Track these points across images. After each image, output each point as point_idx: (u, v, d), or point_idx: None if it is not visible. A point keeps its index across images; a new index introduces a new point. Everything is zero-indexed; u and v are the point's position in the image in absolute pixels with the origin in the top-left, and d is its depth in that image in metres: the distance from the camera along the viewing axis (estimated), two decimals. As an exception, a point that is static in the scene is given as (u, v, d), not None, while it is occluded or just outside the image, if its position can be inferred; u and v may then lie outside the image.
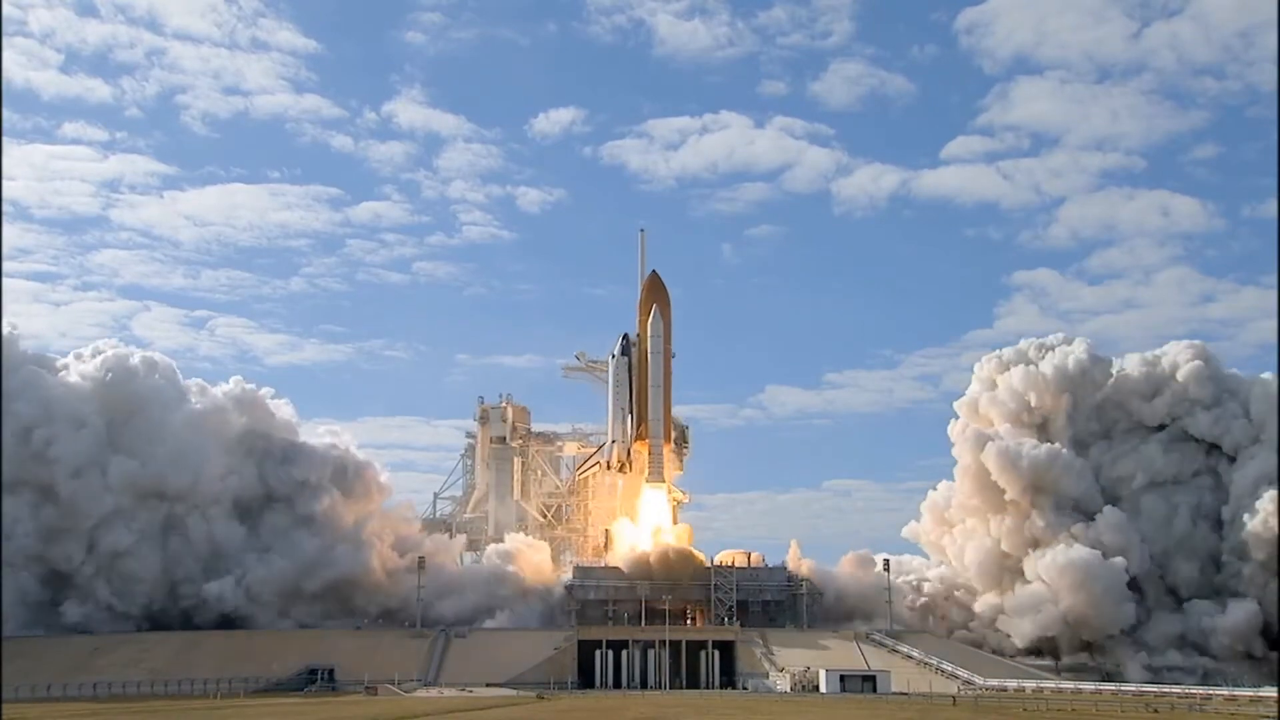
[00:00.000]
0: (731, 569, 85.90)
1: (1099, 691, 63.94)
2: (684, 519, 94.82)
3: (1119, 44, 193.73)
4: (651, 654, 75.31)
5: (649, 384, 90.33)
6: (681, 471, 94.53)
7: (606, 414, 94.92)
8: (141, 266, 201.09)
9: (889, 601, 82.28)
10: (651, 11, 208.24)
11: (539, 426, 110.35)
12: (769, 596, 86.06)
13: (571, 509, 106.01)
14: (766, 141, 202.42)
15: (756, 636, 78.32)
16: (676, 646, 75.97)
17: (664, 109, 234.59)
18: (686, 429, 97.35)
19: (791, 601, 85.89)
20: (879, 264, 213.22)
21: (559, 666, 72.77)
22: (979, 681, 68.78)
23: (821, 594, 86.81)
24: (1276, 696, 55.64)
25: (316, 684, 68.42)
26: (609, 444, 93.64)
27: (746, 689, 71.62)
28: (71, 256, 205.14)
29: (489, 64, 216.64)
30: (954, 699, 60.73)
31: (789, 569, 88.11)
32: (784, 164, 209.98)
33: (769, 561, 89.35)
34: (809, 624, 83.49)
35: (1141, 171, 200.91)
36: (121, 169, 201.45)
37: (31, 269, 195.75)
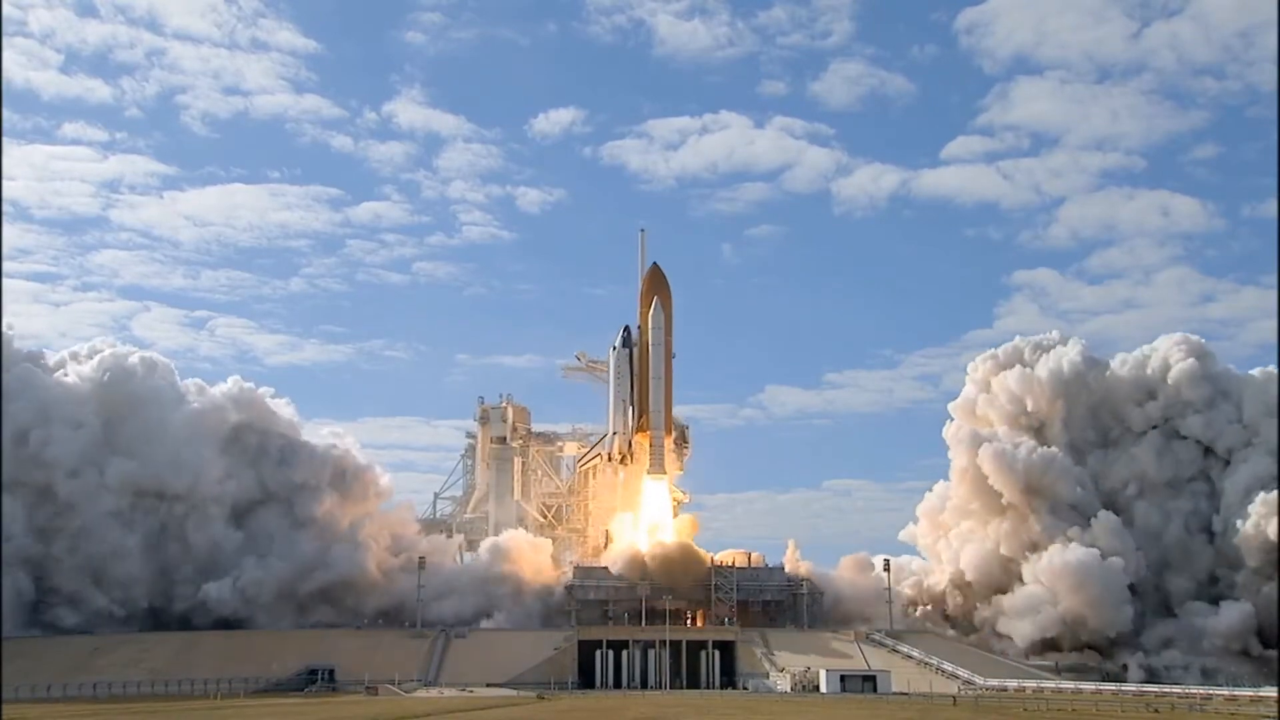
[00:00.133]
0: (732, 569, 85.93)
1: (1099, 691, 63.93)
2: (684, 519, 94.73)
3: (1119, 44, 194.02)
4: (652, 654, 75.31)
5: (650, 376, 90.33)
6: (682, 471, 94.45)
7: (607, 411, 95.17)
8: (141, 267, 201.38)
9: (889, 602, 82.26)
10: (651, 11, 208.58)
11: (539, 427, 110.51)
12: (769, 596, 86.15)
13: (571, 509, 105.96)
14: (766, 141, 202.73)
15: (756, 636, 78.38)
16: (677, 646, 76.00)
17: (664, 109, 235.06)
18: (686, 429, 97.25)
19: (792, 601, 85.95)
20: (879, 264, 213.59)
21: (559, 667, 72.78)
22: (979, 682, 68.79)
23: (822, 594, 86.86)
24: (1277, 696, 55.68)
25: (316, 684, 68.43)
26: (610, 436, 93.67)
27: (747, 689, 71.63)
28: (71, 257, 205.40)
29: (489, 64, 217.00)
30: (954, 699, 60.74)
31: (786, 570, 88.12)
32: (784, 164, 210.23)
33: (769, 562, 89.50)
34: (809, 624, 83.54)
35: (1141, 171, 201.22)
36: (121, 169, 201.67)
37: (31, 269, 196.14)
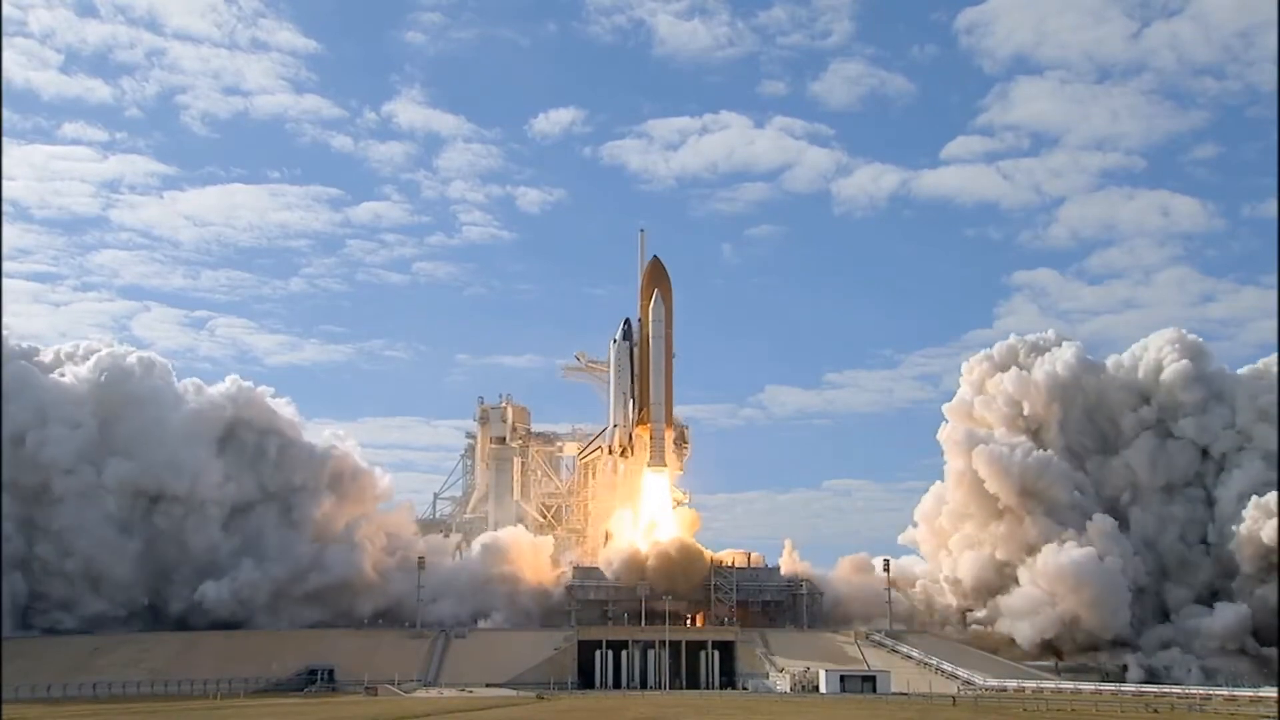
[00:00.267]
0: (732, 569, 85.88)
1: (1099, 692, 63.91)
2: (685, 513, 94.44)
3: (1119, 44, 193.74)
4: (651, 654, 75.30)
5: (650, 369, 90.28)
6: (682, 471, 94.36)
7: (608, 405, 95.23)
8: (141, 267, 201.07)
9: (889, 602, 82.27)
10: (651, 11, 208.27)
11: (539, 427, 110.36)
12: (769, 597, 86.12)
13: (571, 509, 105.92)
14: (766, 141, 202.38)
15: (756, 637, 78.38)
16: (676, 647, 75.98)
17: (664, 109, 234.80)
18: (686, 429, 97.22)
19: (791, 602, 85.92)
20: (879, 264, 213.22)
21: (559, 667, 72.79)
22: (979, 682, 68.79)
23: (821, 594, 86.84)
24: (1276, 696, 55.70)
25: (316, 684, 68.46)
26: (610, 428, 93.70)
27: (746, 689, 71.65)
28: (71, 257, 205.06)
29: (489, 64, 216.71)
30: (954, 699, 60.76)
31: (782, 570, 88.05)
32: (784, 164, 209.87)
33: (769, 562, 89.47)
34: (809, 624, 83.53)
35: (1141, 171, 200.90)
36: (121, 169, 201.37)
37: (31, 269, 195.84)
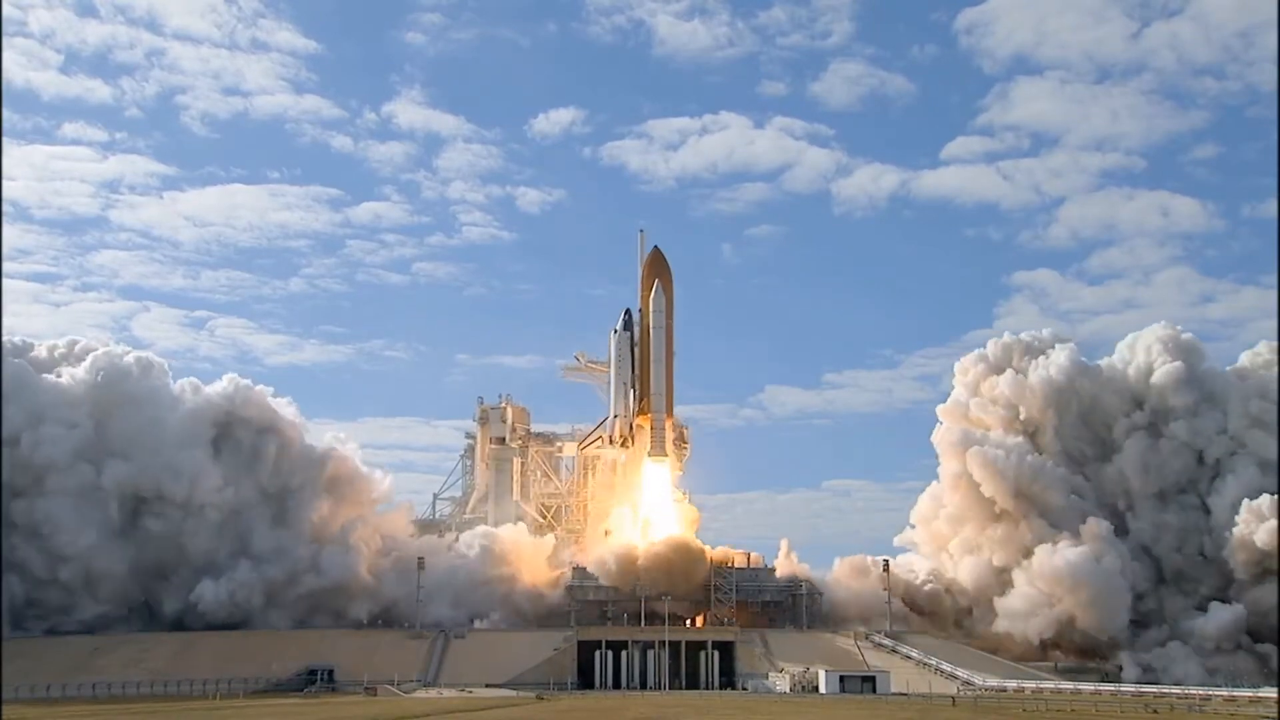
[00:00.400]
0: (731, 569, 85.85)
1: (1098, 692, 63.94)
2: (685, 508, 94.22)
3: (1119, 44, 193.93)
4: (651, 654, 75.33)
5: (651, 359, 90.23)
6: (682, 471, 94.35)
7: (608, 403, 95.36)
8: (141, 267, 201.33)
9: (888, 602, 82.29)
10: (651, 12, 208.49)
11: (538, 427, 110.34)
12: (768, 597, 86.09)
13: (570, 509, 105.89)
14: (766, 142, 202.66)
15: (756, 637, 78.41)
16: (676, 647, 76.00)
17: (664, 109, 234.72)
18: (686, 429, 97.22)
19: (791, 602, 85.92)
20: (879, 264, 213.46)
21: (558, 667, 72.84)
22: (978, 682, 68.79)
23: (821, 594, 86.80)
24: (1276, 697, 55.71)
25: (316, 684, 68.52)
26: (611, 419, 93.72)
27: (746, 689, 71.68)
28: (71, 257, 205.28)
29: (489, 64, 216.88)
30: (953, 699, 60.79)
31: (779, 570, 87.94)
32: (784, 164, 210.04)
33: (768, 562, 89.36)
34: (808, 625, 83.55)
35: (1141, 172, 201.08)
36: (121, 169, 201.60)
37: (31, 270, 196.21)
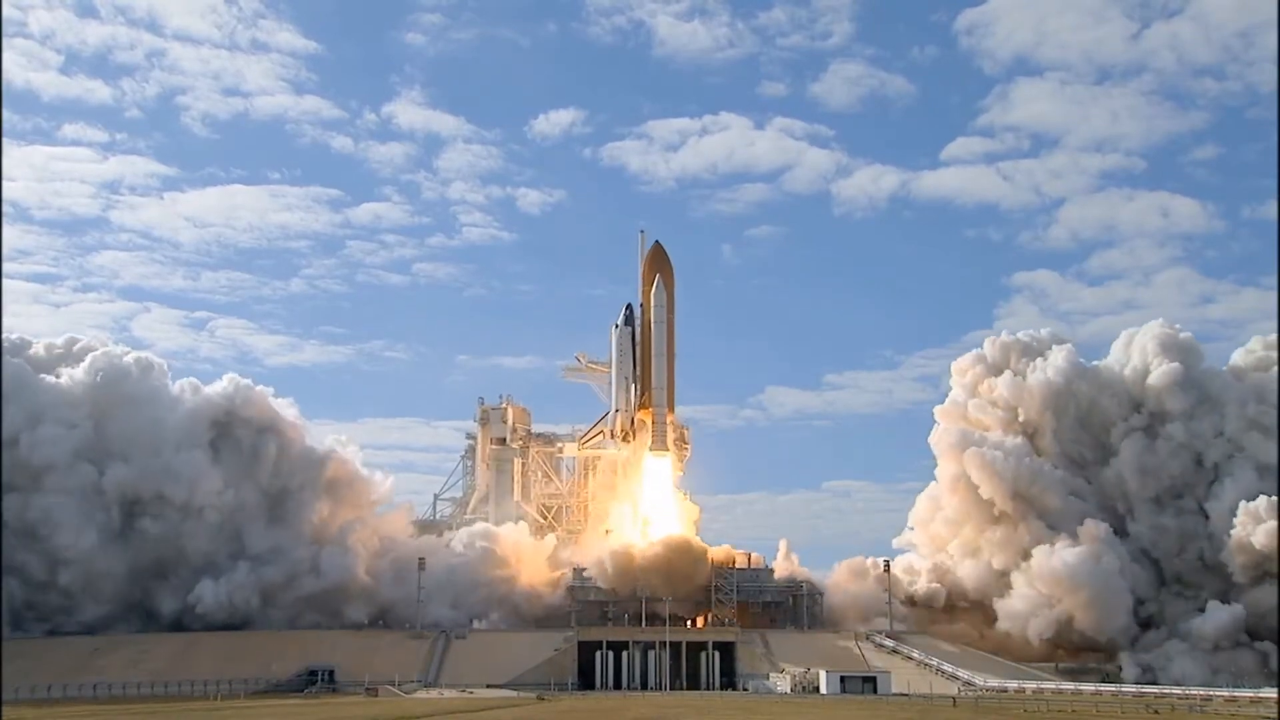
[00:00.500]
0: (732, 570, 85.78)
1: (1099, 693, 63.96)
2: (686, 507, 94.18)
3: (1119, 45, 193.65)
4: (652, 655, 75.27)
5: (652, 353, 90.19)
6: (682, 472, 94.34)
7: (609, 397, 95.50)
8: (141, 268, 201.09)
9: (889, 603, 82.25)
10: (651, 13, 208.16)
11: (539, 428, 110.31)
12: (769, 598, 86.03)
13: (571, 510, 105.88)
14: (766, 142, 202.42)
15: (756, 638, 78.37)
16: (677, 647, 75.95)
17: (664, 110, 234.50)
18: (686, 429, 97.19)
19: (791, 603, 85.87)
20: (879, 265, 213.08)
21: (559, 667, 72.80)
22: (979, 683, 68.74)
23: (821, 594, 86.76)
24: (1276, 698, 55.70)
25: (317, 685, 68.52)
26: (612, 413, 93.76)
27: (747, 690, 71.66)
28: (71, 258, 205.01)
29: (489, 65, 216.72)
30: (954, 700, 60.75)
31: (777, 571, 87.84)
32: (784, 165, 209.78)
33: (769, 563, 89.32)
34: (809, 625, 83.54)
35: (1141, 172, 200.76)
36: (121, 170, 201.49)
37: (32, 270, 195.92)
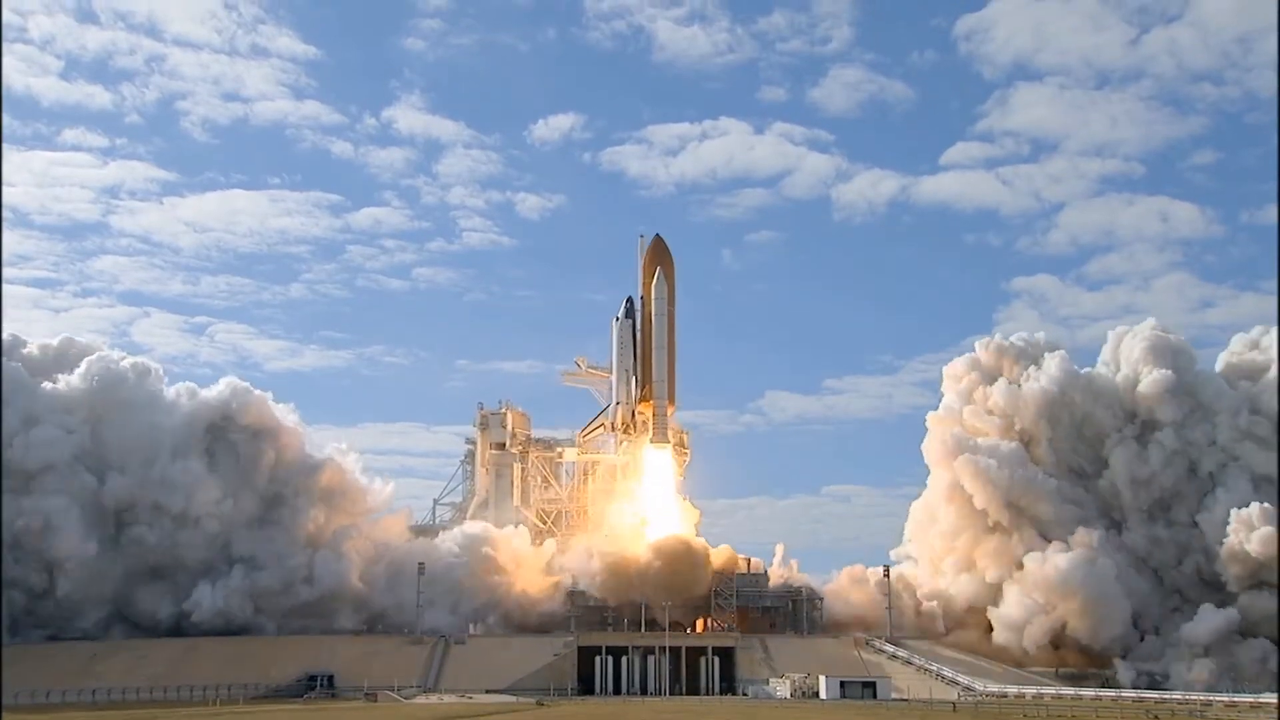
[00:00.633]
0: (732, 575, 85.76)
1: (1099, 698, 63.95)
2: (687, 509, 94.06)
3: (1118, 50, 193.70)
4: (651, 660, 75.27)
5: (653, 345, 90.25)
6: (682, 477, 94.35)
7: (610, 391, 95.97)
8: (141, 273, 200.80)
9: (889, 608, 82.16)
10: (651, 18, 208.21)
11: (539, 433, 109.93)
12: (769, 603, 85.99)
13: (571, 515, 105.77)
14: (766, 147, 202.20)
15: (756, 643, 78.34)
16: (676, 652, 75.94)
17: (663, 115, 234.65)
18: (686, 434, 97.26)
19: (791, 608, 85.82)
20: (879, 270, 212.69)
21: (559, 673, 72.75)
22: (979, 688, 68.74)
23: (821, 599, 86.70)
24: (1276, 702, 55.68)
25: (316, 690, 68.46)
26: (613, 406, 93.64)
27: (747, 695, 71.66)
28: (71, 263, 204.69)
29: (488, 70, 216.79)
30: (954, 705, 60.66)
31: (774, 576, 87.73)
32: (783, 170, 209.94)
33: (768, 568, 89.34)
34: (809, 630, 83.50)
35: (1140, 177, 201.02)
36: (121, 175, 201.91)
37: (31, 275, 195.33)
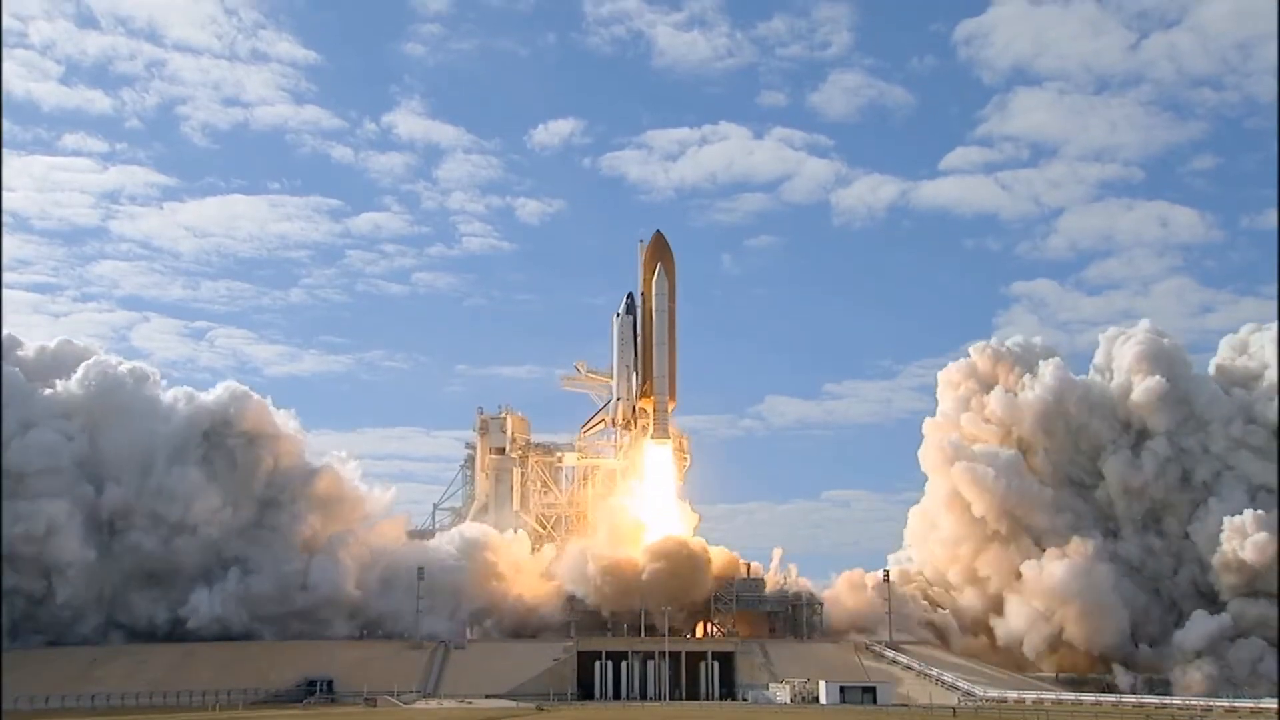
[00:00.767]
0: (732, 579, 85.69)
1: (1099, 703, 63.96)
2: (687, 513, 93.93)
3: (1117, 55, 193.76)
4: (651, 665, 75.21)
5: (654, 341, 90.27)
6: (682, 482, 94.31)
7: (610, 387, 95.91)
8: (141, 278, 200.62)
9: (889, 613, 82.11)
10: (651, 23, 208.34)
11: (538, 437, 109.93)
12: (769, 607, 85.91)
13: (571, 520, 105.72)
14: (765, 152, 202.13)
15: (756, 648, 78.28)
16: (676, 657, 75.85)
17: (663, 120, 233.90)
18: (686, 439, 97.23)
19: (791, 612, 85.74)
20: (878, 274, 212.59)
21: (558, 677, 72.72)
22: (979, 693, 68.63)
23: (821, 604, 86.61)
24: (1276, 708, 55.67)
25: (315, 695, 68.33)
26: (614, 402, 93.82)
27: (746, 700, 71.66)
28: (71, 268, 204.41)
29: (488, 75, 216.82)
30: (954, 710, 60.71)
31: (771, 580, 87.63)
32: (783, 175, 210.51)
33: (766, 572, 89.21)
34: (808, 635, 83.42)
35: (1140, 182, 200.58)
36: (121, 180, 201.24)
37: (31, 280, 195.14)
